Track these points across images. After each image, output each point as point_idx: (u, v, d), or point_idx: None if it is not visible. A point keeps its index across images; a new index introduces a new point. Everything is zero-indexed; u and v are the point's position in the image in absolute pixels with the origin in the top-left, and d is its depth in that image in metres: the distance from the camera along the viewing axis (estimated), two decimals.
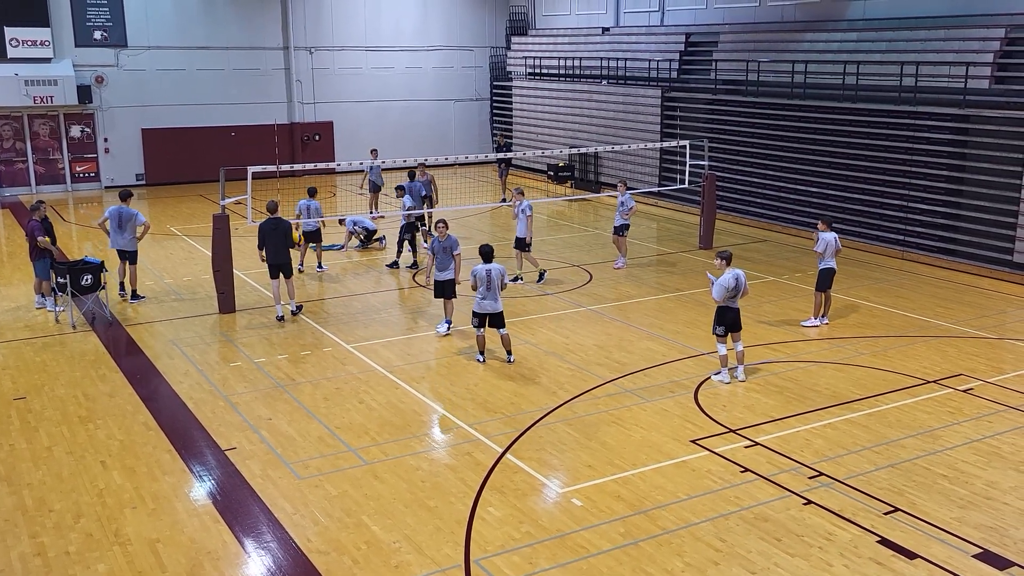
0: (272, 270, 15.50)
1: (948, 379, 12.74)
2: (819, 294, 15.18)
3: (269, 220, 15.50)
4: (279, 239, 15.39)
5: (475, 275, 13.12)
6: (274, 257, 15.40)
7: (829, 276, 15.07)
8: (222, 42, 31.64)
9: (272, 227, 15.41)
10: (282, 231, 15.42)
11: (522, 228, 17.58)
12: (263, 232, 15.44)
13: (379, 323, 15.56)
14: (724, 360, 12.68)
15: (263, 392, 12.37)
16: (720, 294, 12.49)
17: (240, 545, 8.59)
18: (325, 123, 33.71)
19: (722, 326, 12.61)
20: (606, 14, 32.14)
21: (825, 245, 14.93)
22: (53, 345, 14.39)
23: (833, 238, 15.06)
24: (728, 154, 24.71)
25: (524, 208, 17.48)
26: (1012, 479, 9.79)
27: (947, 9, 21.28)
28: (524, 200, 17.74)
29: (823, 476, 9.83)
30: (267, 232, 15.39)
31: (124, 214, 16.58)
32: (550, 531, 8.75)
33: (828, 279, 15.08)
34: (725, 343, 12.72)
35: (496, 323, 13.38)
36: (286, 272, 15.57)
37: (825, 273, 15.05)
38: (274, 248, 15.38)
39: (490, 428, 11.14)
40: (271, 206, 15.69)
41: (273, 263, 15.43)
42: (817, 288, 15.16)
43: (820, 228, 15.14)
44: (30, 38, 28.53)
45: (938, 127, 19.77)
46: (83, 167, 30.26)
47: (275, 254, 15.40)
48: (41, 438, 10.94)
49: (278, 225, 15.44)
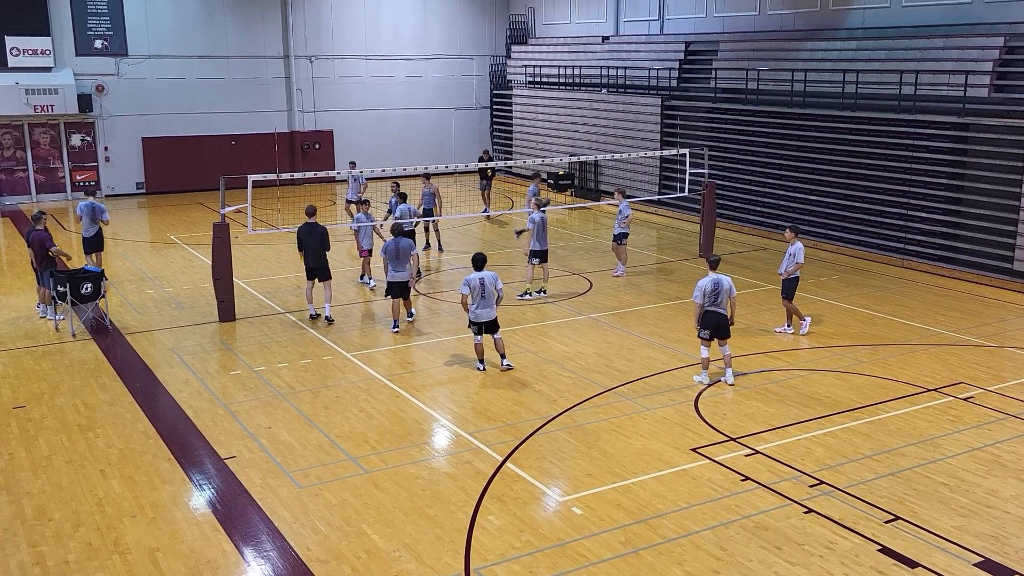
0: (309, 272, 15.76)
1: (949, 387, 12.73)
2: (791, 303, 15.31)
3: (305, 224, 15.65)
4: (315, 243, 15.52)
5: (468, 283, 13.08)
6: (312, 260, 15.62)
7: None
8: (222, 51, 31.72)
9: (308, 231, 15.54)
10: (318, 235, 15.52)
11: (532, 238, 17.34)
12: (300, 236, 15.64)
13: (379, 331, 15.55)
14: (705, 363, 12.85)
15: (263, 401, 12.36)
16: (697, 295, 12.72)
17: (240, 554, 8.57)
18: (325, 132, 33.76)
19: (706, 329, 12.74)
20: (606, 23, 32.22)
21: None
22: (53, 354, 14.39)
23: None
24: (728, 162, 24.74)
25: (532, 217, 17.31)
26: (1013, 487, 9.77)
27: (946, 18, 21.33)
28: (535, 211, 17.49)
29: (824, 484, 9.81)
30: (303, 236, 15.58)
31: (97, 208, 18.24)
32: (550, 540, 8.73)
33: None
34: (708, 346, 12.79)
35: (490, 329, 13.40)
36: (322, 276, 15.72)
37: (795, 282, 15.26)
38: (311, 252, 15.56)
39: (490, 436, 11.12)
40: (309, 210, 15.95)
41: (311, 267, 15.67)
42: (790, 297, 15.27)
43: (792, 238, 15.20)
44: (31, 47, 28.60)
45: (937, 135, 19.79)
46: (83, 176, 30.30)
47: (313, 258, 15.60)
48: (40, 447, 10.92)
49: (313, 230, 15.54)
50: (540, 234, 17.25)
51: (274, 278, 19.29)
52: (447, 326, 15.96)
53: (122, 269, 20.18)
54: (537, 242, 17.25)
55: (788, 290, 15.13)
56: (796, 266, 14.94)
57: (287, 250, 21.96)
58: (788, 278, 15.06)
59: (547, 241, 17.56)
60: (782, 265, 15.19)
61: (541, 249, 17.35)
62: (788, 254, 15.09)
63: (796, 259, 14.96)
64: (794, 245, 15.05)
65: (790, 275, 15.02)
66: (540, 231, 17.25)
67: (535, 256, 17.36)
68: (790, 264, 14.99)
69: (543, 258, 17.48)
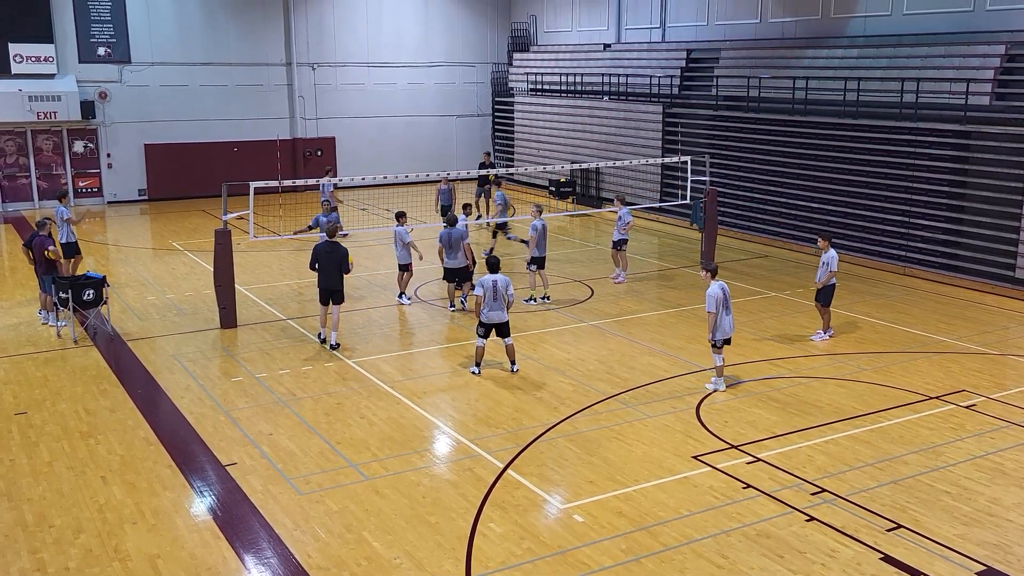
0: (322, 295, 14.81)
1: (951, 395, 12.71)
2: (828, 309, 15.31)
3: (326, 243, 14.80)
4: (333, 264, 14.60)
5: (481, 285, 13.28)
6: (325, 282, 14.66)
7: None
8: (225, 58, 31.78)
9: (328, 251, 14.64)
10: (337, 257, 14.59)
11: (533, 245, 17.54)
12: (316, 253, 14.70)
13: (380, 338, 15.55)
14: (720, 370, 12.87)
15: (264, 407, 12.35)
16: (712, 306, 12.62)
17: (240, 561, 8.56)
18: (327, 139, 33.80)
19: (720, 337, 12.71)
20: (608, 30, 32.28)
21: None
22: (54, 360, 14.39)
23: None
24: (729, 170, 24.75)
25: (534, 224, 17.45)
26: (1015, 496, 9.75)
27: (947, 26, 21.35)
28: (535, 218, 17.66)
29: (825, 492, 9.79)
30: (320, 255, 14.64)
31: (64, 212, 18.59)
32: (551, 547, 8.72)
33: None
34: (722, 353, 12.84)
35: (502, 333, 13.52)
36: (335, 299, 14.77)
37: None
38: (327, 273, 14.62)
39: (491, 443, 11.11)
40: (330, 230, 15.12)
41: (324, 287, 14.73)
42: (827, 304, 15.25)
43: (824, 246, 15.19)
44: (34, 54, 28.67)
45: (939, 143, 19.80)
46: (86, 182, 30.34)
47: (327, 279, 14.64)
48: (42, 453, 10.92)
49: (334, 249, 14.62)
50: (540, 241, 17.42)
51: (276, 285, 19.30)
52: (449, 333, 15.98)
53: (124, 275, 20.19)
54: (536, 249, 17.44)
55: (825, 297, 15.14)
56: (830, 274, 14.93)
57: (289, 256, 22.00)
58: (824, 287, 15.05)
59: (546, 248, 17.73)
60: (818, 274, 15.15)
61: (540, 256, 17.52)
62: (822, 263, 15.07)
63: (830, 267, 14.93)
64: (827, 253, 15.03)
65: (825, 284, 15.01)
66: (541, 238, 17.41)
67: (534, 263, 17.52)
68: (823, 273, 14.96)
69: (541, 264, 17.62)
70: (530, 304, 17.36)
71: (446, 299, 17.35)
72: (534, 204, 18.60)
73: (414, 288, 18.31)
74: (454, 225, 16.67)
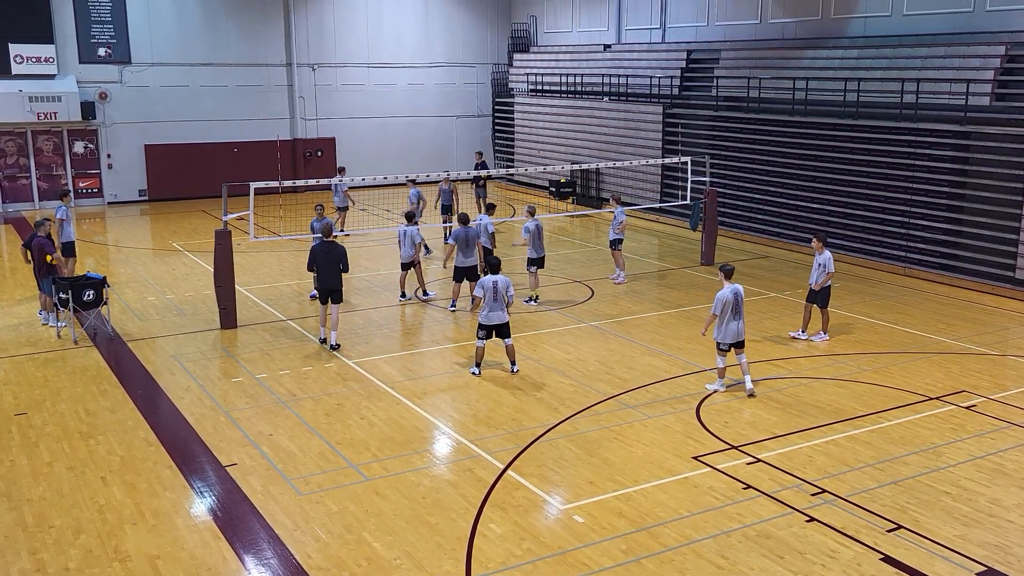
0: (322, 295, 14.75)
1: (951, 396, 12.71)
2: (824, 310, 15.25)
3: (323, 243, 14.73)
4: (331, 264, 14.56)
5: (482, 286, 13.33)
6: (324, 282, 14.59)
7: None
8: (225, 59, 31.79)
9: (326, 251, 14.58)
10: (336, 256, 14.55)
11: (528, 247, 17.58)
12: (314, 254, 14.67)
13: (381, 338, 15.55)
14: (722, 372, 12.86)
15: (264, 408, 12.35)
16: (716, 307, 12.58)
17: (240, 561, 8.56)
18: (327, 139, 33.81)
19: (727, 340, 12.65)
20: (608, 31, 32.29)
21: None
22: (55, 360, 14.39)
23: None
24: (729, 170, 24.75)
25: (526, 226, 17.49)
26: (1016, 496, 9.75)
27: (947, 27, 21.36)
28: (530, 219, 17.71)
29: (826, 493, 9.79)
30: (318, 255, 14.60)
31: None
32: (551, 548, 8.72)
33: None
34: (725, 356, 12.81)
35: (502, 334, 13.54)
36: (335, 298, 14.69)
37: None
38: (325, 273, 14.55)
39: (491, 444, 11.11)
40: (326, 230, 15.07)
41: (323, 288, 14.67)
42: (825, 305, 15.22)
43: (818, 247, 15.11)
44: (34, 55, 28.68)
45: (939, 144, 19.80)
46: (86, 183, 30.35)
47: (326, 279, 14.58)
48: (42, 454, 10.92)
49: (332, 249, 14.57)
50: (536, 242, 17.43)
51: (276, 285, 19.30)
52: (448, 333, 15.98)
53: (124, 276, 20.20)
54: (533, 250, 17.50)
55: (823, 299, 15.09)
56: (827, 276, 14.84)
57: (289, 257, 22.00)
58: (821, 289, 14.98)
59: (544, 248, 17.75)
60: (812, 276, 15.05)
61: (538, 256, 17.56)
62: (817, 264, 14.95)
63: (827, 269, 14.83)
64: (822, 255, 14.92)
65: (822, 286, 14.95)
66: (536, 239, 17.40)
67: (533, 264, 17.54)
68: (820, 275, 14.86)
69: (541, 265, 17.65)
70: (530, 304, 17.38)
71: (447, 299, 17.37)
72: (527, 206, 18.68)
73: (414, 289, 18.30)
74: (467, 224, 16.81)
